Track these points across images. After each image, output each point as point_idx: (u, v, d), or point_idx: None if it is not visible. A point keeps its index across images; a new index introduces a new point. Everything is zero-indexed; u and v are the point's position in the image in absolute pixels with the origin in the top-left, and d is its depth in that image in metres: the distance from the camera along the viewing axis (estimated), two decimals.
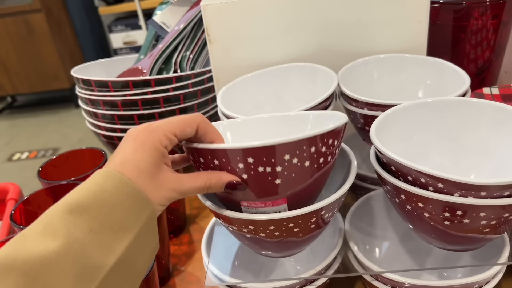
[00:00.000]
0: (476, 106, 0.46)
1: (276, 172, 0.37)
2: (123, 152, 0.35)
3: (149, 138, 0.35)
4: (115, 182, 0.33)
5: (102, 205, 0.32)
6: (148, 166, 0.35)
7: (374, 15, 0.65)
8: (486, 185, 0.36)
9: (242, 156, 0.36)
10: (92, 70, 0.87)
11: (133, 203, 0.33)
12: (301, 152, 0.37)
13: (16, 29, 2.91)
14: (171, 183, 0.36)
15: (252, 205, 0.40)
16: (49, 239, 0.29)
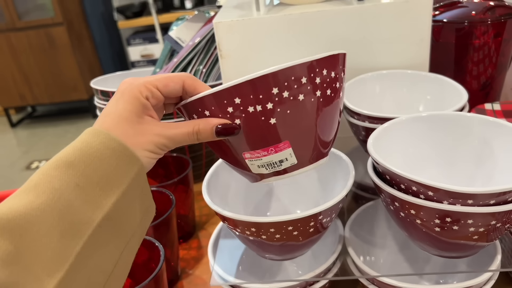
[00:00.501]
0: (468, 120, 0.48)
1: (268, 109, 0.35)
2: (107, 107, 0.35)
3: (129, 88, 0.35)
4: (101, 138, 0.32)
5: (88, 160, 0.31)
6: (129, 114, 0.34)
7: (377, 34, 0.68)
8: (472, 193, 0.38)
9: (228, 97, 0.34)
10: (110, 82, 0.91)
11: (120, 159, 0.33)
12: (289, 83, 0.34)
13: (38, 41, 3.01)
14: (155, 129, 0.35)
15: (255, 155, 0.37)
16: (32, 195, 0.29)
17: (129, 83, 0.36)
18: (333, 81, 0.37)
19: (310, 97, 0.35)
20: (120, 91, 0.36)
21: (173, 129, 0.36)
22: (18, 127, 3.39)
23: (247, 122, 0.35)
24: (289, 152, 0.37)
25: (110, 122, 0.34)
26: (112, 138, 0.33)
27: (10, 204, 0.29)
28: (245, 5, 0.79)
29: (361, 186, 0.65)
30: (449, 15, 0.78)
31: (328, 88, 0.36)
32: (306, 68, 0.34)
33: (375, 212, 0.58)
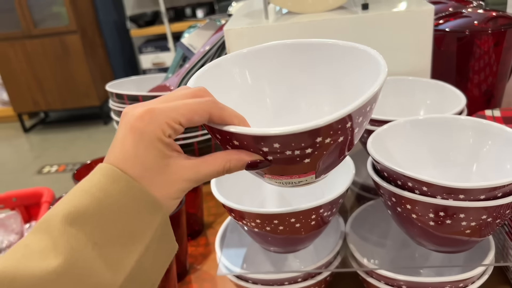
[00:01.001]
0: (462, 123, 0.51)
1: (306, 153, 0.33)
2: (123, 146, 0.30)
3: (149, 128, 0.30)
4: (121, 185, 0.29)
5: (107, 213, 0.28)
6: (154, 161, 0.30)
7: (381, 41, 0.71)
8: (463, 189, 0.41)
9: (268, 142, 0.32)
10: (125, 86, 0.95)
11: (142, 209, 0.30)
12: (335, 132, 0.33)
13: (53, 48, 3.08)
14: (185, 173, 0.31)
15: (275, 178, 0.37)
16: (50, 256, 0.27)
17: (148, 121, 0.30)
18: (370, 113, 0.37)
19: (346, 138, 0.35)
20: (138, 129, 0.30)
21: (202, 169, 0.32)
22: (31, 132, 3.46)
23: (281, 161, 0.34)
24: (312, 177, 0.37)
25: (133, 169, 0.30)
26: (133, 185, 0.29)
27: (27, 263, 0.26)
28: (255, 13, 0.83)
29: (363, 187, 0.68)
30: (451, 24, 0.81)
31: (365, 121, 0.36)
32: (351, 116, 0.33)
33: (375, 211, 0.61)
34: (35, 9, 3.01)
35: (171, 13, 3.17)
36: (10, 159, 3.09)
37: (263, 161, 0.33)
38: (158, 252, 0.31)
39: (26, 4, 2.96)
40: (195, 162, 0.32)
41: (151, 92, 0.89)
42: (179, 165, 0.31)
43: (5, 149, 3.26)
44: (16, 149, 3.23)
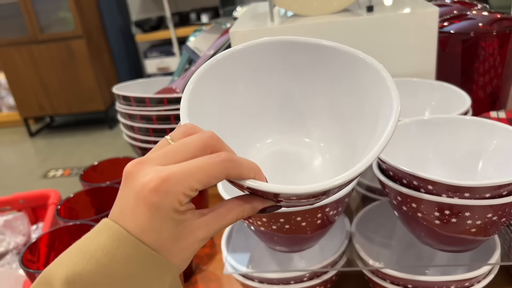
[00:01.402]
0: (467, 123, 0.51)
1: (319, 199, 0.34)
2: (134, 214, 0.28)
3: (166, 202, 0.28)
4: (128, 249, 0.27)
5: (113, 281, 0.26)
6: (170, 231, 0.29)
7: (386, 43, 0.72)
8: (469, 187, 0.41)
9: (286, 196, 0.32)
10: (131, 89, 0.96)
11: (151, 273, 0.28)
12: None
13: (59, 53, 3.10)
14: (199, 234, 0.30)
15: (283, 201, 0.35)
16: None
17: (165, 194, 0.28)
18: None
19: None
20: (154, 203, 0.28)
21: (217, 223, 0.31)
22: (37, 137, 3.48)
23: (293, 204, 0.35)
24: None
25: (150, 241, 0.28)
26: (140, 248, 0.27)
27: None
28: (260, 16, 0.83)
29: (369, 188, 0.68)
30: (456, 26, 0.81)
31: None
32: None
33: (381, 211, 0.61)
34: (42, 15, 3.03)
35: (176, 18, 3.19)
36: (16, 164, 3.10)
37: (276, 206, 0.34)
38: None
39: (33, 10, 2.99)
40: (208, 219, 0.31)
41: (158, 94, 0.90)
42: (193, 227, 0.30)
43: (11, 154, 3.28)
44: (22, 154, 3.25)
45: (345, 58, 0.40)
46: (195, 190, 0.29)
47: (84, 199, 0.70)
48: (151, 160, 0.29)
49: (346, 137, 0.42)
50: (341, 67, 0.41)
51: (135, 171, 0.29)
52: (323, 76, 0.42)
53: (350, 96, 0.41)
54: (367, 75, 0.39)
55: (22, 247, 0.88)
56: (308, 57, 0.42)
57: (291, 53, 0.42)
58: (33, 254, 0.59)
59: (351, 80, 0.40)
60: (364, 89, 0.39)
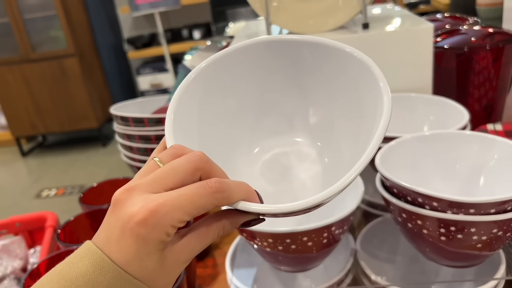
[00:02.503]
0: (467, 138, 0.52)
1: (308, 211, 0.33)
2: (119, 244, 0.28)
3: (153, 234, 0.27)
4: (109, 277, 0.27)
5: None
6: (156, 265, 0.28)
7: (382, 59, 0.73)
8: (473, 203, 0.41)
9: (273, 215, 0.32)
10: (128, 109, 0.96)
11: None
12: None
13: (51, 72, 3.10)
14: (181, 257, 0.29)
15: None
16: None
17: (152, 227, 0.27)
18: None
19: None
20: (141, 236, 0.27)
21: (197, 244, 0.30)
22: (29, 156, 3.45)
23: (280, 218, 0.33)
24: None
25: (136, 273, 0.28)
26: (122, 277, 0.27)
27: None
28: (256, 35, 0.84)
29: (371, 203, 0.68)
30: (450, 41, 0.82)
31: None
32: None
33: (384, 227, 0.61)
34: (33, 34, 3.03)
35: (168, 35, 3.20)
36: (8, 184, 3.07)
37: (259, 220, 0.32)
38: None
39: (24, 29, 2.99)
40: (188, 240, 0.30)
41: (156, 114, 0.90)
42: (174, 251, 0.29)
43: (3, 174, 3.25)
44: (14, 173, 3.22)
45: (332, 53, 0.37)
46: (183, 221, 0.28)
47: (84, 222, 0.70)
48: (140, 186, 0.28)
49: (337, 138, 0.40)
50: (328, 64, 0.38)
51: (123, 199, 0.28)
52: (310, 76, 0.40)
53: (341, 95, 0.39)
54: (358, 73, 0.36)
55: (19, 271, 0.87)
56: (291, 56, 0.39)
57: (274, 54, 0.39)
58: (34, 280, 0.58)
59: (340, 79, 0.38)
60: (355, 87, 0.37)
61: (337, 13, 0.76)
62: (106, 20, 3.41)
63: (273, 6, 0.75)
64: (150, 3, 2.58)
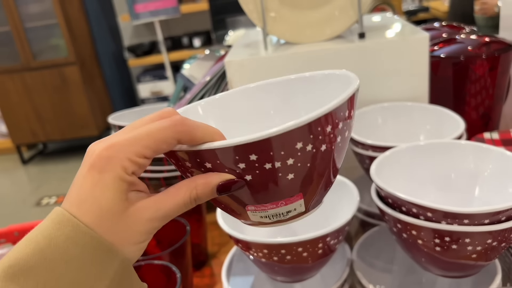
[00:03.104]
0: (462, 148, 0.52)
1: (287, 165, 0.29)
2: (80, 187, 0.27)
3: (109, 166, 0.26)
4: (68, 231, 0.26)
5: (52, 265, 0.25)
6: (111, 204, 0.26)
7: (379, 69, 0.73)
8: (467, 213, 0.41)
9: (243, 153, 0.28)
10: (126, 118, 0.96)
11: (93, 257, 0.26)
12: (316, 135, 0.29)
13: (52, 80, 3.11)
14: (146, 213, 0.28)
15: (260, 208, 0.32)
16: None
17: (107, 159, 0.26)
18: (352, 117, 0.33)
19: (329, 148, 0.31)
20: (97, 169, 0.26)
21: (165, 203, 0.28)
22: (29, 164, 3.45)
23: (261, 178, 0.30)
24: (300, 203, 0.33)
25: (88, 214, 0.26)
26: (80, 230, 0.26)
27: None
28: (254, 45, 0.85)
29: (367, 213, 0.68)
30: (446, 50, 0.82)
31: (347, 129, 0.32)
32: (331, 117, 0.30)
33: (381, 237, 0.61)
34: (34, 42, 3.05)
35: (169, 43, 3.22)
36: (8, 192, 3.08)
37: (237, 181, 0.29)
38: None
39: (25, 37, 3.00)
40: (156, 198, 0.28)
41: None
42: (139, 205, 0.28)
43: (4, 181, 3.25)
44: (15, 181, 3.23)
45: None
46: (142, 156, 0.27)
47: None
48: (109, 136, 0.28)
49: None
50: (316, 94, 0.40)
51: (91, 147, 0.28)
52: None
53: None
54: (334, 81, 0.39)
55: None
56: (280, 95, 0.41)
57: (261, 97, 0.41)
58: None
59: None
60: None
61: (333, 23, 0.76)
62: (106, 28, 3.43)
63: (270, 17, 0.76)
64: (150, 11, 2.60)
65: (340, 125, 0.31)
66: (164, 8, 2.60)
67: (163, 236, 0.69)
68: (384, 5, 1.98)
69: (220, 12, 2.89)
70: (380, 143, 0.60)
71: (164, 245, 0.69)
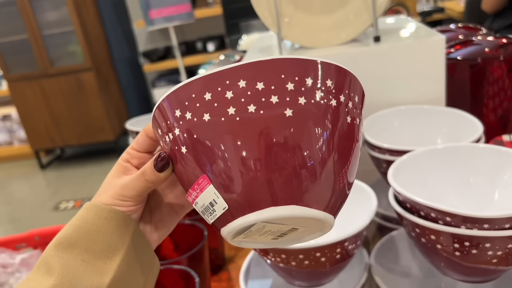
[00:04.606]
0: (481, 151, 0.52)
1: (176, 136, 0.29)
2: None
3: (119, 158, 0.38)
4: (94, 211, 0.35)
5: (88, 236, 0.35)
6: (109, 178, 0.37)
7: (394, 72, 0.73)
8: (487, 218, 0.41)
9: (154, 128, 0.32)
10: (143, 123, 0.97)
11: (116, 224, 0.35)
12: (190, 102, 0.28)
13: (68, 86, 3.15)
14: (114, 181, 0.37)
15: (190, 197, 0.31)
16: (46, 276, 0.33)
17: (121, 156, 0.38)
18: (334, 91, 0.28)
19: (216, 116, 0.27)
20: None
21: (128, 177, 0.37)
22: (48, 169, 3.50)
23: (169, 152, 0.31)
24: (213, 192, 0.28)
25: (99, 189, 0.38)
26: (103, 208, 0.36)
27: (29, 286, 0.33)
28: (268, 49, 0.85)
29: (385, 217, 0.68)
30: (463, 52, 0.82)
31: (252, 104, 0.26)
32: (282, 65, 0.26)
33: (398, 242, 0.61)
34: (52, 49, 3.10)
35: (183, 48, 3.24)
36: (27, 196, 3.12)
37: (162, 156, 0.33)
38: (138, 258, 0.37)
39: (43, 45, 3.05)
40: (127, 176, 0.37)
41: None
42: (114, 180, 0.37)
43: (23, 186, 3.30)
44: (33, 186, 3.28)
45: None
46: (132, 148, 0.37)
47: None
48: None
49: None
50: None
51: None
52: None
53: None
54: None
55: None
56: None
57: None
58: None
59: None
60: None
61: (348, 26, 0.76)
62: (121, 35, 3.47)
63: (285, 22, 0.76)
64: (164, 17, 2.62)
65: (220, 91, 0.27)
66: (179, 14, 2.62)
67: (181, 241, 0.69)
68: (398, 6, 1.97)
69: (234, 16, 2.90)
70: (397, 147, 0.59)
71: (182, 249, 0.70)
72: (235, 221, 0.28)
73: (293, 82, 0.26)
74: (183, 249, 0.69)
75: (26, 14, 2.96)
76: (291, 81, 0.26)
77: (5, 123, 3.56)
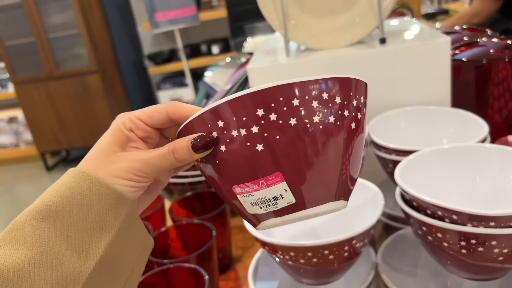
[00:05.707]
0: (487, 151, 0.52)
1: (253, 133, 0.30)
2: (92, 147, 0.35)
3: (115, 121, 0.34)
4: (88, 183, 0.31)
5: (77, 209, 0.31)
6: (109, 146, 0.33)
7: (400, 73, 0.74)
8: (493, 216, 0.42)
9: (211, 122, 0.31)
10: None
11: (109, 203, 0.32)
12: (277, 104, 0.29)
13: (74, 89, 3.18)
14: (131, 155, 0.33)
15: (245, 189, 0.32)
16: (23, 249, 0.29)
17: (117, 117, 0.35)
18: (343, 105, 0.31)
19: (303, 120, 0.30)
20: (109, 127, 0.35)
21: (149, 152, 0.33)
22: (53, 171, 3.53)
23: (233, 147, 0.31)
24: (283, 187, 0.31)
25: (90, 156, 0.33)
26: (99, 182, 0.32)
27: (1, 258, 0.29)
28: (274, 51, 0.86)
29: (391, 216, 0.69)
30: (468, 54, 0.82)
31: (332, 114, 0.30)
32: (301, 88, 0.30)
33: (405, 240, 0.61)
34: (57, 52, 3.12)
35: (188, 50, 3.26)
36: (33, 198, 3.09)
37: (205, 136, 0.32)
38: (129, 241, 0.33)
39: (49, 48, 3.08)
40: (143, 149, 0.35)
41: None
42: (128, 151, 0.34)
43: (29, 188, 3.33)
44: (39, 188, 3.29)
45: None
46: (138, 118, 0.34)
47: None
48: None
49: None
50: None
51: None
52: None
53: None
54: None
55: None
56: None
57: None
58: None
59: None
60: None
61: (354, 28, 0.77)
62: (127, 37, 3.49)
63: (291, 24, 0.77)
64: (170, 20, 2.64)
65: (314, 103, 0.30)
66: (184, 17, 2.63)
67: (190, 240, 0.70)
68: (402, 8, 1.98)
69: (239, 19, 2.92)
70: (404, 147, 0.60)
71: (190, 249, 0.70)
72: (296, 213, 0.32)
73: (355, 100, 0.32)
74: (191, 249, 0.70)
75: (33, 17, 2.99)
76: (354, 98, 0.32)
77: (12, 126, 3.59)
